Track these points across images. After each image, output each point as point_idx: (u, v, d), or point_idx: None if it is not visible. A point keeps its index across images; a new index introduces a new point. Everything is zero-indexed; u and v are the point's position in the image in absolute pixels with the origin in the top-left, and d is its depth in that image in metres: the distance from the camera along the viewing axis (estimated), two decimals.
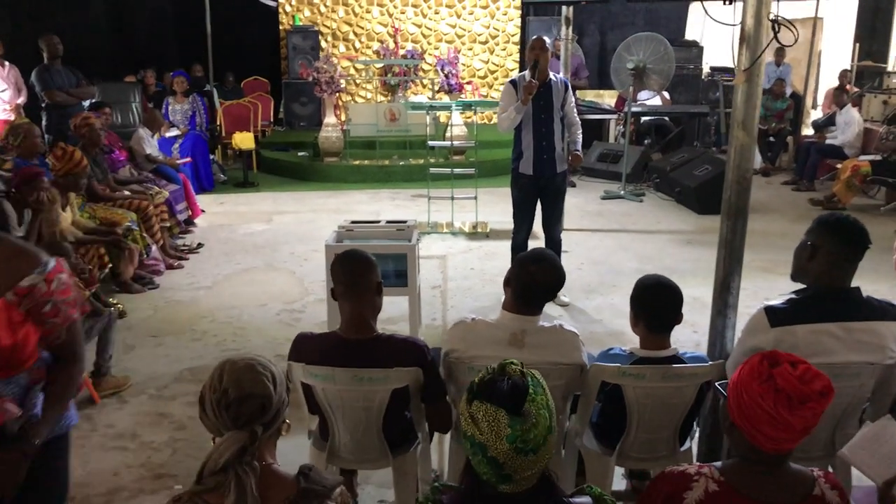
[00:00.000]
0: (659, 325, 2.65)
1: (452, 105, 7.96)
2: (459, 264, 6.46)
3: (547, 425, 1.55)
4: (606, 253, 6.78)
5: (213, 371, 1.70)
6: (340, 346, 2.55)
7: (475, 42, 12.92)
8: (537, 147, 5.16)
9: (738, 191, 2.74)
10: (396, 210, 8.31)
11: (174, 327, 5.14)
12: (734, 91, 2.62)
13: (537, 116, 5.12)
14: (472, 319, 2.69)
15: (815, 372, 1.62)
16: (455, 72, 10.00)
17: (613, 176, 9.67)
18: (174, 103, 9.18)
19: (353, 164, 10.04)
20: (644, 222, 7.93)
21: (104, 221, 5.67)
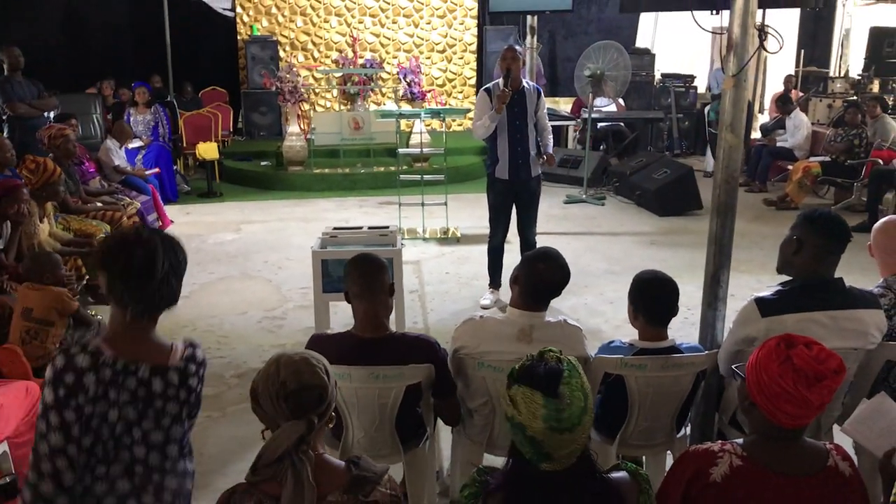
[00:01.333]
0: (657, 317, 2.78)
1: (421, 113, 8.05)
2: (434, 269, 6.55)
3: (581, 406, 1.66)
4: (575, 255, 6.94)
5: (267, 365, 1.77)
6: (356, 345, 2.63)
7: (433, 51, 13.04)
8: (513, 153, 5.29)
9: (726, 190, 2.89)
10: (365, 217, 8.36)
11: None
12: (722, 96, 2.78)
13: (512, 123, 5.25)
14: (480, 317, 2.79)
15: (828, 352, 1.76)
16: (418, 80, 10.10)
17: (574, 181, 9.88)
18: (136, 114, 9.10)
19: (317, 173, 10.05)
20: (608, 225, 8.13)
21: (79, 233, 5.62)
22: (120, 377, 1.89)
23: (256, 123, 12.10)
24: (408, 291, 5.85)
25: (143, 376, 1.92)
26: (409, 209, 7.85)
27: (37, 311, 3.87)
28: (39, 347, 3.86)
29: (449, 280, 6.25)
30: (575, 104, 11.94)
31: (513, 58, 5.19)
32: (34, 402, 3.23)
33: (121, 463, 1.89)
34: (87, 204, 6.19)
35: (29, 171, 5.06)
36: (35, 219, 4.94)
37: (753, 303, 2.68)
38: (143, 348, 1.96)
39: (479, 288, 5.90)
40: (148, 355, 1.94)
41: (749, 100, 11.78)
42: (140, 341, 1.97)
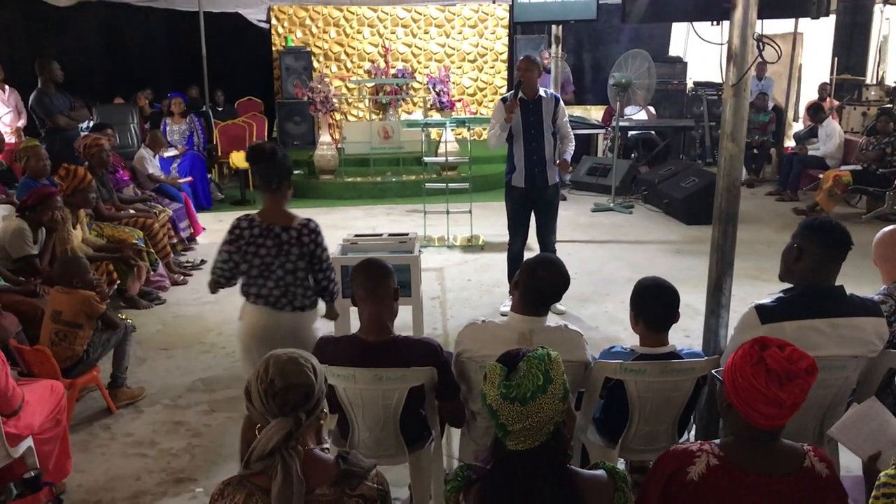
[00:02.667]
0: (658, 323, 2.82)
1: (447, 122, 8.15)
2: (456, 276, 6.62)
3: (538, 384, 1.73)
4: (599, 263, 6.97)
5: (258, 366, 1.86)
6: (361, 348, 2.71)
7: (464, 60, 13.15)
8: (528, 161, 5.34)
9: (728, 198, 2.93)
10: (392, 225, 8.48)
11: (183, 340, 5.27)
12: (723, 105, 2.81)
13: (528, 131, 5.29)
14: (482, 321, 2.86)
15: (800, 353, 1.80)
16: (447, 90, 10.20)
17: (603, 189, 9.89)
18: (172, 124, 9.34)
19: (347, 182, 10.21)
20: (634, 233, 8.13)
21: (112, 239, 5.81)
22: (264, 233, 3.31)
23: (290, 133, 12.31)
24: (429, 298, 5.94)
25: (276, 232, 3.29)
26: (436, 217, 7.95)
27: (66, 313, 4.03)
28: (68, 349, 4.02)
29: (470, 287, 6.32)
30: (606, 112, 11.95)
31: (525, 68, 5.23)
32: (58, 401, 3.37)
33: (272, 279, 3.30)
34: (120, 211, 6.39)
35: (60, 178, 5.26)
36: (68, 225, 5.13)
37: (754, 310, 2.71)
38: (277, 217, 3.35)
39: (499, 295, 5.96)
40: (279, 220, 3.33)
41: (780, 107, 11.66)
42: (276, 213, 3.36)
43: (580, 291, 6.11)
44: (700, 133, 12.14)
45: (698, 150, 12.15)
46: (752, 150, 10.79)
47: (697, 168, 9.52)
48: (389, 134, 10.12)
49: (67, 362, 4.01)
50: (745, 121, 2.84)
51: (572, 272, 6.77)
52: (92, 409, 4.27)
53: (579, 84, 13.24)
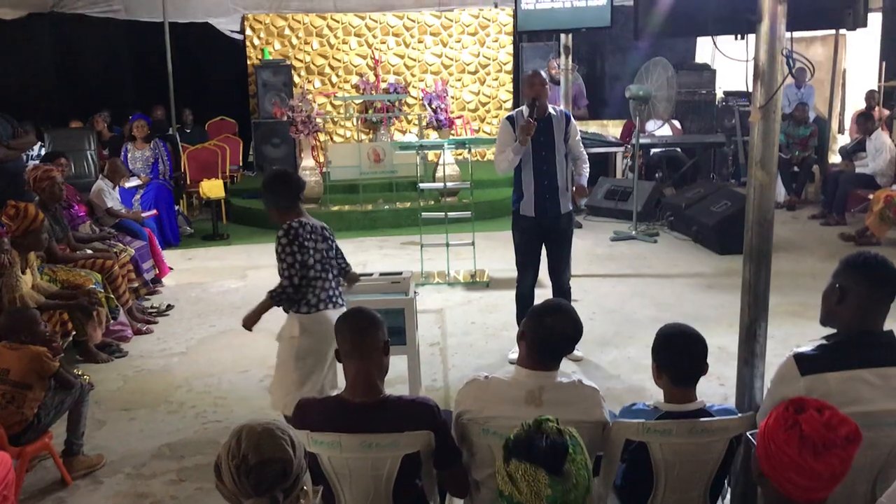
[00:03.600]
0: (684, 376, 2.83)
1: (444, 143, 8.21)
2: (458, 318, 6.64)
3: (586, 486, 1.74)
4: (620, 300, 6.99)
5: (229, 438, 1.87)
6: (346, 410, 2.72)
7: (464, 72, 13.29)
8: (539, 186, 5.39)
9: (759, 232, 2.96)
10: (385, 260, 8.51)
11: (147, 399, 5.28)
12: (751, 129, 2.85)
13: (538, 154, 5.35)
14: (485, 377, 2.87)
15: (841, 418, 1.81)
16: (444, 106, 10.31)
17: (623, 215, 9.94)
18: (134, 150, 9.41)
19: (333, 211, 10.27)
20: (659, 265, 8.16)
21: (66, 284, 5.83)
22: (314, 230, 4.19)
23: (268, 157, 12.38)
24: (427, 344, 5.95)
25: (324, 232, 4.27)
26: (434, 250, 7.98)
27: (14, 372, 4.04)
28: (16, 413, 4.02)
29: (475, 331, 6.33)
30: (625, 128, 12.05)
31: (541, 84, 5.32)
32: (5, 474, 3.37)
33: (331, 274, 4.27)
34: (75, 251, 6.43)
35: (8, 218, 5.28)
36: (17, 270, 5.15)
37: (792, 359, 2.72)
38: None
39: (508, 339, 5.96)
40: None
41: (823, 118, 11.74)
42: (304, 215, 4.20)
43: (599, 334, 6.12)
44: (732, 149, 12.23)
45: (730, 169, 12.23)
46: (791, 168, 10.86)
47: (730, 190, 9.57)
48: (380, 157, 10.20)
49: (15, 428, 4.01)
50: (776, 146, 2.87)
51: (589, 311, 6.82)
52: (44, 481, 4.27)
53: (594, 97, 13.36)
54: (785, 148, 10.71)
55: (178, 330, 6.60)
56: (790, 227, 9.57)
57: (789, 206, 10.61)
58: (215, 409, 5.10)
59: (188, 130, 12.21)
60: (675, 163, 11.47)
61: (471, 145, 8.04)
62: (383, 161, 10.24)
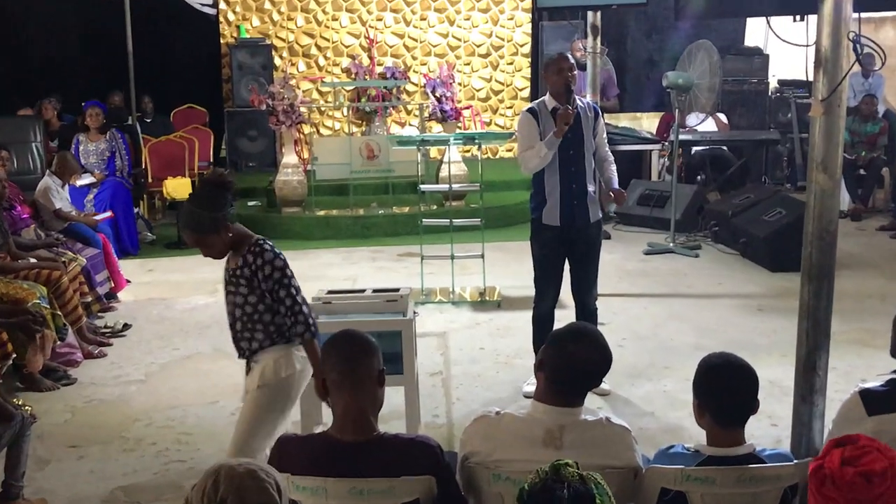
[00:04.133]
0: (729, 415, 2.83)
1: (450, 138, 8.23)
2: (465, 343, 6.64)
3: None
4: (654, 325, 6.98)
5: (203, 479, 1.87)
6: (334, 451, 2.72)
7: (473, 55, 13.33)
8: (565, 191, 5.39)
9: (820, 247, 2.96)
10: (378, 274, 8.52)
11: (100, 434, 5.27)
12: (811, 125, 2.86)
13: (564, 153, 5.36)
14: (495, 413, 2.87)
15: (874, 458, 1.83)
16: (450, 94, 10.32)
17: (659, 224, 9.95)
18: (87, 142, 9.43)
19: (319, 216, 10.29)
20: (701, 284, 8.15)
21: (6, 298, 5.84)
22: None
23: (244, 152, 12.45)
24: (427, 374, 5.95)
25: None
26: (437, 264, 7.98)
27: None
28: None
29: (484, 358, 6.33)
30: (662, 122, 12.06)
31: (571, 69, 5.35)
32: None
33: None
34: (17, 260, 6.44)
35: None
36: None
37: (857, 396, 2.73)
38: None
39: (522, 369, 5.96)
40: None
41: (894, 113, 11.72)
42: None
43: (630, 364, 6.12)
44: (788, 148, 12.23)
45: (786, 172, 12.22)
46: (857, 171, 10.84)
47: (785, 196, 9.58)
48: (375, 153, 10.23)
49: None
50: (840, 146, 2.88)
51: (618, 336, 6.85)
52: None
53: (626, 86, 13.39)
54: (850, 147, 10.71)
55: (137, 353, 6.61)
56: (855, 241, 9.56)
57: (854, 216, 10.59)
58: (179, 448, 5.10)
59: (150, 120, 12.22)
60: (721, 163, 11.47)
61: (481, 140, 8.07)
62: (378, 158, 10.27)
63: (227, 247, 3.80)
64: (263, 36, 12.90)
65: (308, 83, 12.73)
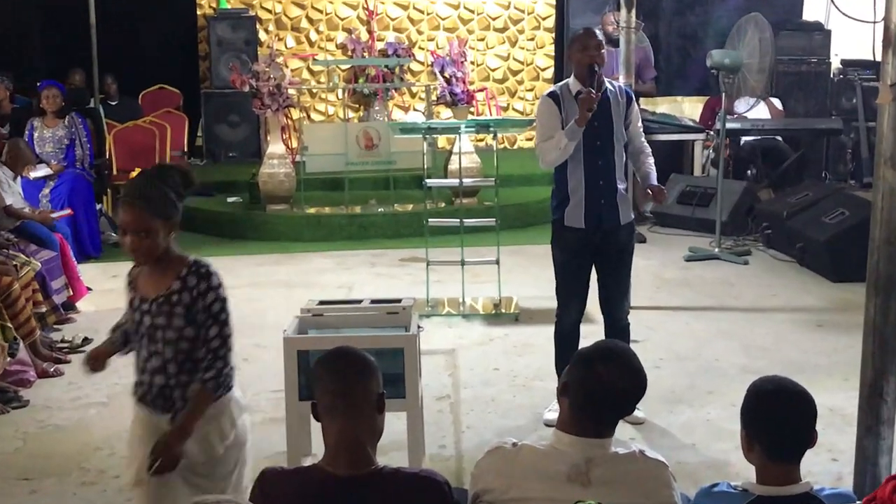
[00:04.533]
0: (783, 449, 2.82)
1: (461, 126, 8.22)
2: (476, 363, 6.63)
3: None
4: (696, 343, 6.96)
5: None
6: (326, 486, 2.72)
7: (488, 29, 13.36)
8: (591, 188, 5.37)
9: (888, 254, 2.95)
10: (378, 281, 8.53)
11: (55, 465, 5.27)
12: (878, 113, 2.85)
13: (590, 144, 5.33)
14: (512, 444, 2.87)
15: None
16: (461, 75, 10.32)
17: (702, 225, 9.95)
18: (42, 128, 9.46)
19: (310, 214, 10.33)
20: (751, 295, 8.14)
21: None
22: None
23: (223, 140, 12.48)
24: (434, 398, 5.95)
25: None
26: (445, 270, 7.98)
27: None
28: None
29: (499, 380, 6.33)
30: (706, 108, 12.06)
31: (597, 47, 5.34)
32: None
33: None
34: None
35: None
36: None
37: None
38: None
39: (543, 393, 5.96)
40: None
41: None
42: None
43: (667, 388, 6.11)
44: (852, 139, 12.20)
45: (849, 167, 12.19)
46: None
47: (848, 195, 9.56)
48: (374, 142, 10.24)
49: None
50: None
51: (655, 356, 6.86)
52: None
53: (665, 66, 13.35)
54: None
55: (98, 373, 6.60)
56: None
57: None
58: None
59: (115, 103, 12.26)
60: (775, 156, 11.45)
61: (496, 128, 8.03)
62: (377, 148, 10.27)
63: (161, 252, 3.42)
64: (246, 6, 12.95)
65: (298, 61, 12.76)
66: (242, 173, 11.24)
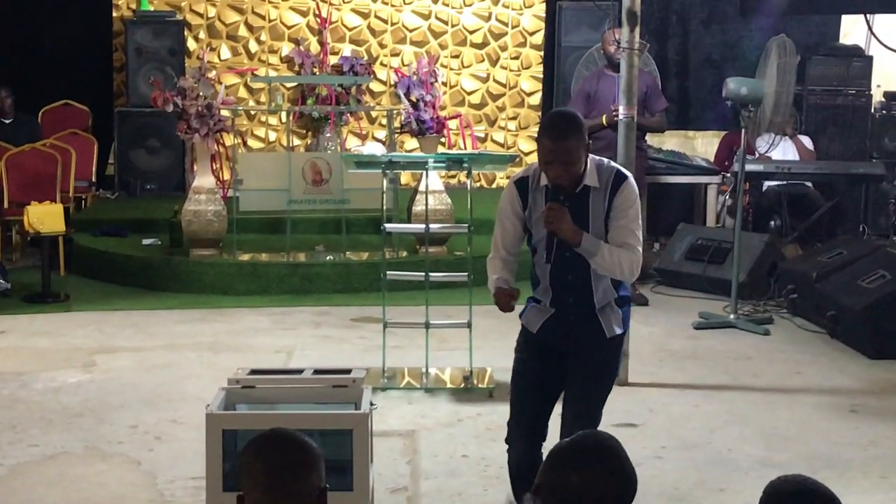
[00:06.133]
0: None
1: (429, 160, 8.24)
2: (441, 448, 6.60)
3: None
4: (706, 429, 6.96)
5: None
6: None
7: (465, 45, 13.41)
8: (560, 304, 5.06)
9: None
10: (323, 346, 8.49)
11: None
12: None
13: (559, 253, 4.95)
14: None
15: None
16: (431, 98, 10.36)
17: (715, 286, 9.98)
18: None
19: (243, 262, 10.30)
20: (772, 372, 8.15)
21: None
22: None
23: (139, 168, 12.43)
24: (388, 491, 5.92)
25: None
26: (407, 334, 7.97)
27: None
28: None
29: (467, 470, 6.30)
30: (722, 145, 12.15)
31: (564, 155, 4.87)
32: None
33: None
34: None
35: None
36: None
37: None
38: None
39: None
40: None
41: None
42: None
43: (670, 483, 6.11)
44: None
45: (893, 219, 12.24)
46: None
47: (891, 254, 9.59)
48: (324, 177, 10.24)
49: None
50: None
51: (657, 445, 6.91)
52: None
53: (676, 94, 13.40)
54: None
55: None
56: None
57: None
58: None
59: (9, 121, 12.20)
60: (803, 205, 11.52)
61: (472, 164, 8.05)
62: (327, 184, 10.27)
63: None
64: (173, 9, 12.95)
65: (233, 76, 12.76)
66: (162, 210, 11.18)
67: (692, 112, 13.66)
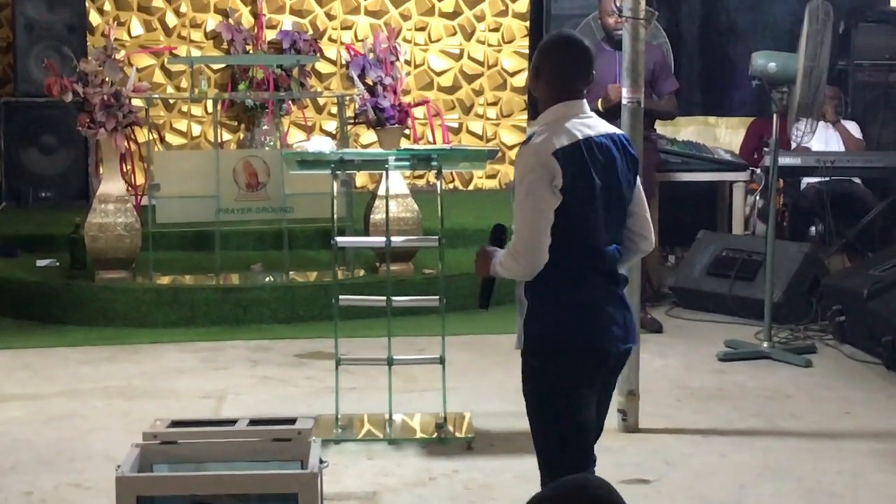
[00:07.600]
0: None
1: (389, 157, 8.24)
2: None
3: None
4: (735, 485, 6.96)
5: None
6: None
7: (432, 14, 13.44)
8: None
9: None
10: (263, 389, 8.47)
11: None
12: None
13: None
14: None
15: None
16: (392, 81, 10.36)
17: (745, 307, 10.02)
18: None
19: (162, 286, 10.29)
20: (815, 413, 8.17)
21: None
22: None
23: (32, 170, 12.41)
24: None
25: None
26: (364, 372, 7.96)
27: None
28: None
29: None
30: (750, 134, 12.19)
31: None
32: None
33: None
34: None
35: None
36: None
37: None
38: None
39: None
40: None
41: None
42: None
43: None
44: None
45: None
46: None
47: None
48: (260, 179, 10.23)
49: None
50: None
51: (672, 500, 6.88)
52: None
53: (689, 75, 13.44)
54: None
55: None
56: None
57: None
58: None
59: None
60: (850, 206, 11.56)
61: (443, 162, 8.05)
62: (265, 188, 10.26)
63: None
64: None
65: (147, 57, 12.75)
66: (61, 224, 11.15)
67: (713, 94, 13.70)
